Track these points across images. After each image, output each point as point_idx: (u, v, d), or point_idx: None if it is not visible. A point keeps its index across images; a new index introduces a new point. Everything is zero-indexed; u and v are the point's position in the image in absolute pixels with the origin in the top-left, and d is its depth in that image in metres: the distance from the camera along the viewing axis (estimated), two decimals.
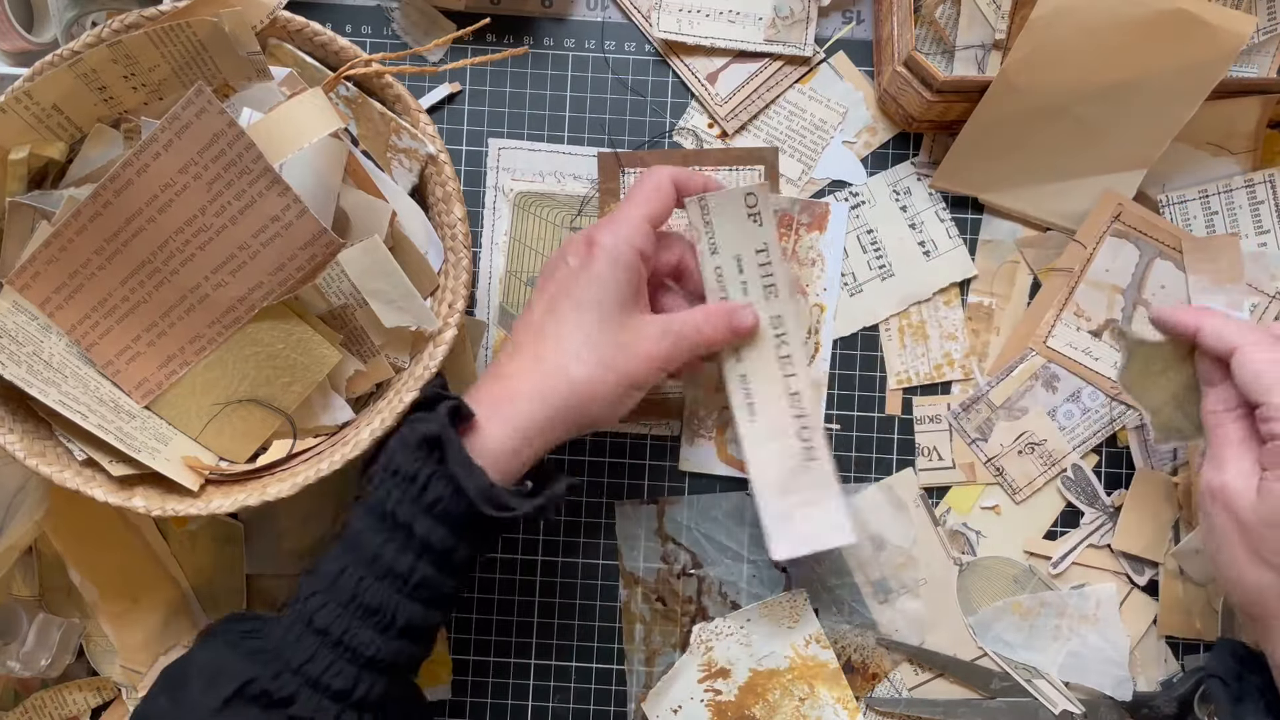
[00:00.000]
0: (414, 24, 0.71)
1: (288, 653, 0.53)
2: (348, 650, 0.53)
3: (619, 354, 0.57)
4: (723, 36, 0.70)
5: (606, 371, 0.56)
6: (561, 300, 0.57)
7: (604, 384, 0.56)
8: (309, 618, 0.53)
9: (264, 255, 0.56)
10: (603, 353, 0.56)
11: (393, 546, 0.53)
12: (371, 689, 0.53)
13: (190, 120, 0.53)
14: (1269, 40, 0.67)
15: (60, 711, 0.69)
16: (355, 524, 0.55)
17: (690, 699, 0.68)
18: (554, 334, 0.57)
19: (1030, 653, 0.68)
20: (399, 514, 0.53)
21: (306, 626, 0.53)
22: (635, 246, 0.57)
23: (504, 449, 0.55)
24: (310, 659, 0.52)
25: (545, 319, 0.58)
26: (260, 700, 0.52)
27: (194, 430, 0.61)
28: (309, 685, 0.52)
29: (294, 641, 0.53)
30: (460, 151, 0.71)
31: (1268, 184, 0.68)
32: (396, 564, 0.53)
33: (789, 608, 0.69)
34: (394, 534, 0.53)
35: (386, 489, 0.54)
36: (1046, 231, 0.70)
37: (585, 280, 0.57)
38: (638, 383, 0.57)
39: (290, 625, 0.54)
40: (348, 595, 0.53)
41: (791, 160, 0.71)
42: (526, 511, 0.54)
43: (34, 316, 0.60)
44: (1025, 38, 0.63)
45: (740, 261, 0.60)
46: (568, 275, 0.58)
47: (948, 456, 0.69)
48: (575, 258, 0.58)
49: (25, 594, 0.69)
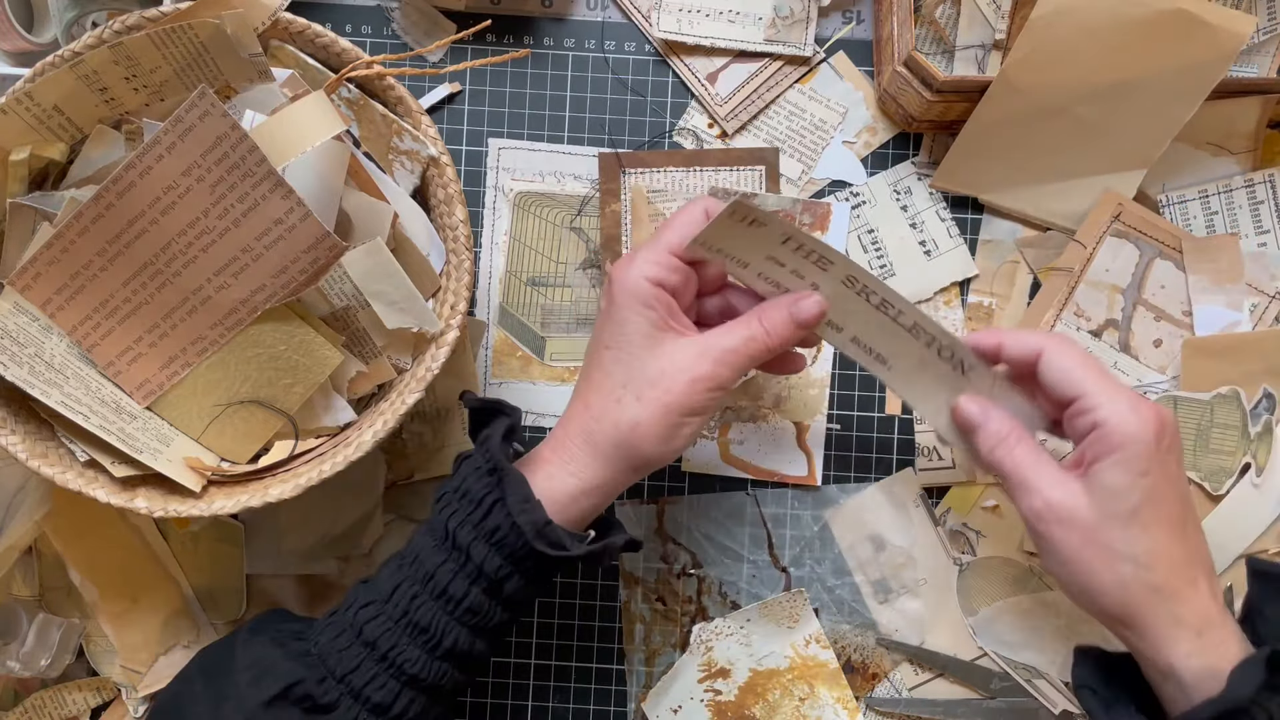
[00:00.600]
0: (414, 24, 0.71)
1: (333, 660, 0.53)
2: (392, 665, 0.53)
3: (656, 387, 0.55)
4: (723, 36, 0.70)
5: (646, 406, 0.55)
6: (595, 345, 0.57)
7: (649, 420, 0.55)
8: (360, 628, 0.53)
9: (267, 258, 0.56)
10: (639, 390, 0.55)
11: (449, 568, 0.53)
12: (410, 706, 0.53)
13: (194, 123, 0.53)
14: (1269, 40, 0.67)
15: (60, 711, 0.69)
16: (419, 540, 0.55)
17: (690, 699, 0.68)
18: (593, 379, 0.57)
19: (1030, 653, 0.68)
20: (459, 537, 0.53)
21: (356, 637, 0.53)
22: (649, 278, 0.56)
23: (563, 491, 0.55)
24: (355, 669, 0.53)
25: (589, 365, 0.58)
26: (303, 703, 0.52)
27: (196, 431, 0.61)
28: (350, 695, 0.52)
29: (342, 650, 0.53)
30: (460, 151, 0.71)
31: (1268, 184, 0.68)
32: (451, 586, 0.53)
33: (789, 608, 0.69)
34: (452, 555, 0.54)
35: (452, 509, 0.54)
36: (1046, 231, 0.70)
37: (607, 322, 0.57)
38: (686, 409, 0.55)
39: (339, 632, 0.54)
40: (400, 611, 0.53)
41: (791, 160, 0.71)
42: (580, 554, 0.54)
43: (35, 318, 0.60)
44: (1025, 38, 0.63)
45: (776, 259, 0.60)
46: (599, 319, 0.58)
47: (948, 456, 0.70)
48: (604, 299, 0.58)
49: (25, 594, 0.69)
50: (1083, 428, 0.54)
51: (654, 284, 0.56)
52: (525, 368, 0.71)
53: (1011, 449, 0.56)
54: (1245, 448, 0.66)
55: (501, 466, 0.53)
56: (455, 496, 0.55)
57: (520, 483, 0.53)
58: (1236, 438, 0.66)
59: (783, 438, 0.70)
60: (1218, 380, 0.67)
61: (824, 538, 0.70)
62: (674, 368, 0.55)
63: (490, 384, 0.71)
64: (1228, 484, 0.66)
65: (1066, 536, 0.53)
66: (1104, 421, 0.53)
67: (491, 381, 0.71)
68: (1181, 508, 0.53)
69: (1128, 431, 0.52)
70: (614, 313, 0.56)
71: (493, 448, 0.54)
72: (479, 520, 0.53)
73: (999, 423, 0.57)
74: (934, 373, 0.60)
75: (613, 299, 0.56)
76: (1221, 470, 0.66)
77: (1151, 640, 0.53)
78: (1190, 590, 0.53)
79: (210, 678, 0.55)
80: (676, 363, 0.55)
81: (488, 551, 0.53)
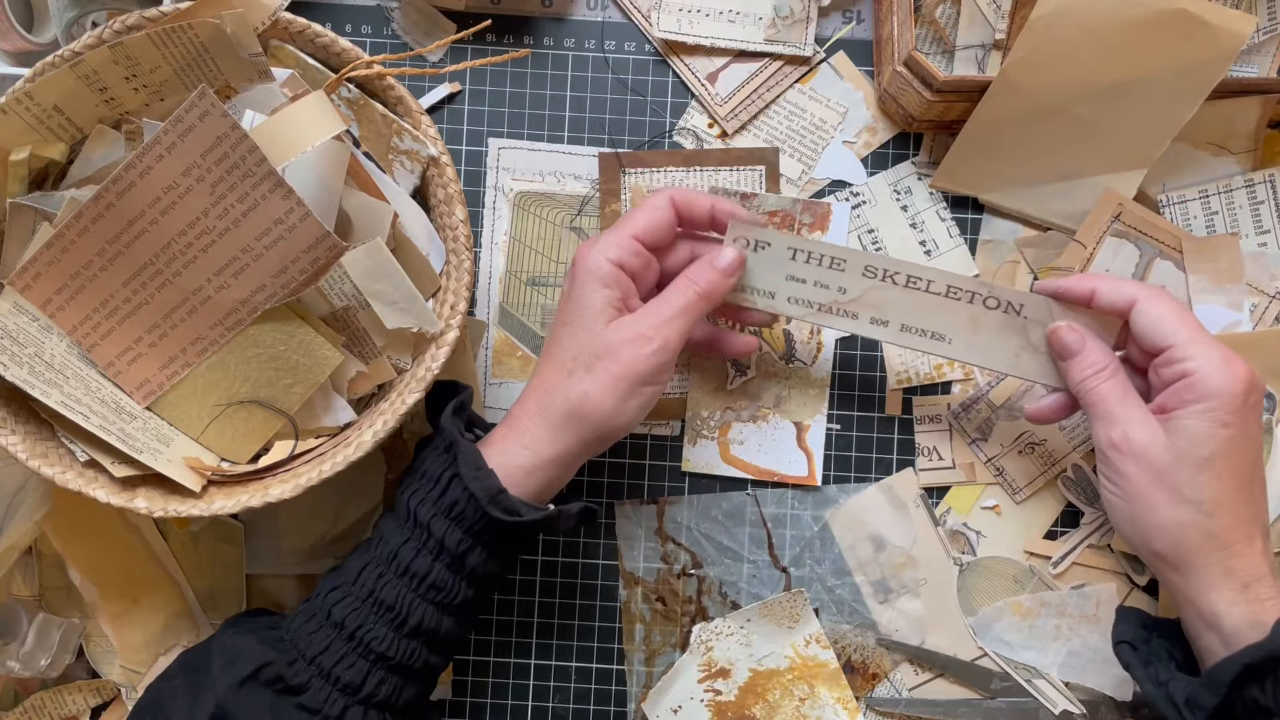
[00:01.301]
0: (414, 24, 0.71)
1: (304, 643, 0.55)
2: (360, 644, 0.54)
3: (603, 358, 0.57)
4: (723, 36, 0.70)
5: (597, 376, 0.57)
6: (554, 325, 0.60)
7: (598, 390, 0.57)
8: (328, 610, 0.55)
9: (267, 258, 0.56)
10: (589, 361, 0.57)
11: (412, 546, 0.55)
12: (380, 686, 0.54)
13: (194, 123, 0.53)
14: (1269, 40, 0.67)
15: (60, 711, 0.69)
16: (384, 523, 0.58)
17: (690, 699, 0.68)
18: (550, 355, 0.59)
19: (1030, 653, 0.68)
20: (420, 514, 0.55)
21: (325, 619, 0.55)
22: (610, 259, 0.58)
23: (518, 465, 0.57)
24: (324, 650, 0.54)
25: (546, 343, 0.60)
26: (275, 684, 0.53)
27: (196, 431, 0.61)
28: (320, 676, 0.54)
29: (312, 633, 0.55)
30: (460, 151, 0.71)
31: (1268, 184, 0.68)
32: (414, 564, 0.55)
33: (789, 608, 0.69)
34: (414, 533, 0.56)
35: (412, 489, 0.57)
36: (1046, 231, 0.70)
37: (567, 300, 0.59)
38: (634, 378, 0.57)
39: (310, 616, 0.56)
40: (366, 591, 0.55)
41: (791, 160, 0.71)
42: (534, 519, 0.55)
43: (35, 318, 0.60)
44: (1025, 38, 0.63)
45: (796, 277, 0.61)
46: (561, 300, 0.60)
47: (948, 456, 0.70)
48: (567, 280, 0.60)
49: (25, 594, 0.69)
50: (1170, 376, 0.56)
51: (615, 265, 0.58)
52: (525, 368, 0.71)
53: (1105, 379, 0.58)
54: None
55: (455, 441, 0.56)
56: (416, 477, 0.57)
57: (473, 454, 0.55)
58: None
59: (783, 438, 0.70)
60: None
61: (824, 538, 0.70)
62: (619, 339, 0.57)
63: (490, 384, 0.71)
64: None
65: (1138, 472, 0.55)
66: (1194, 372, 0.54)
67: (491, 381, 0.71)
68: (1253, 466, 0.55)
69: (1216, 383, 0.54)
70: (573, 290, 0.58)
71: (445, 425, 0.57)
72: (437, 497, 0.55)
73: (1098, 353, 0.58)
74: (991, 326, 0.61)
75: (574, 278, 0.59)
76: None
77: (1198, 585, 0.55)
78: (1246, 545, 0.54)
79: (189, 672, 0.56)
80: (622, 334, 0.57)
81: (447, 526, 0.55)
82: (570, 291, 0.59)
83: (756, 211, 0.69)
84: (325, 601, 0.56)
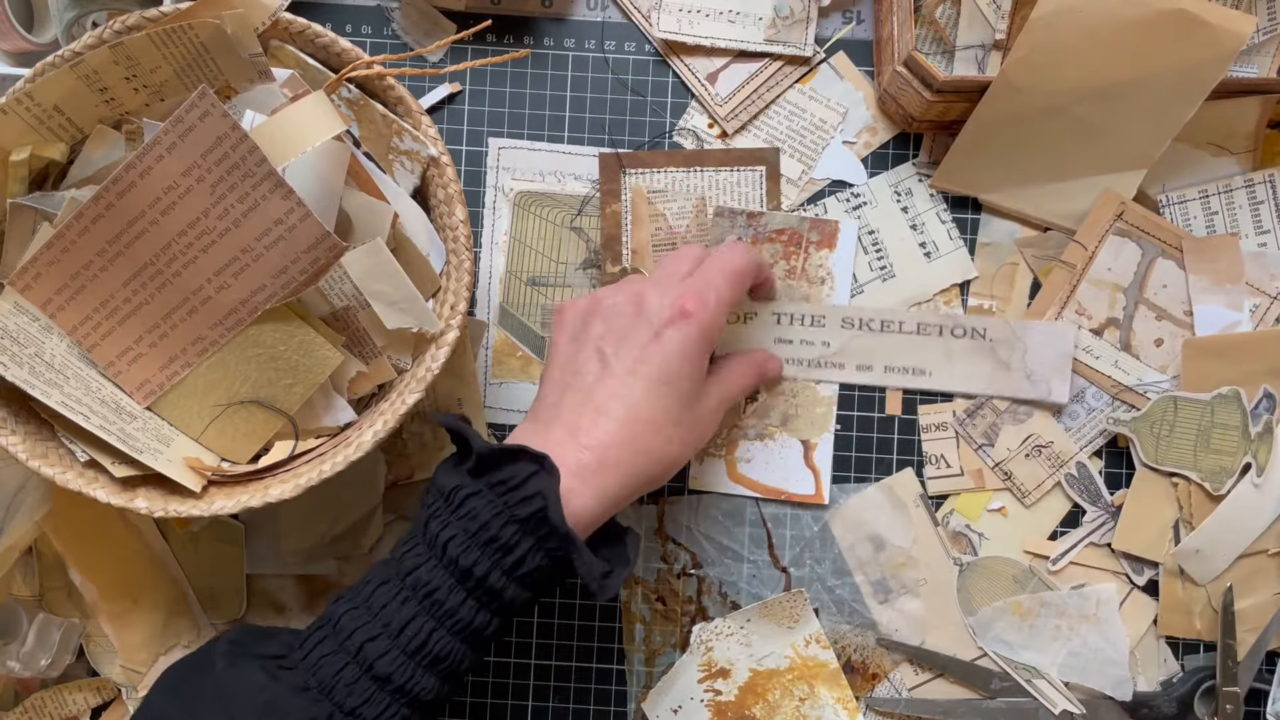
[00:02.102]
0: (414, 24, 0.71)
1: (340, 694, 0.50)
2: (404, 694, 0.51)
3: (696, 428, 0.59)
4: (723, 36, 0.70)
5: (688, 448, 0.58)
6: (649, 370, 0.57)
7: (685, 457, 0.59)
8: (369, 663, 0.51)
9: (267, 258, 0.56)
10: (686, 431, 0.58)
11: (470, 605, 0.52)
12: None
13: (194, 123, 0.53)
14: (1269, 40, 0.67)
15: (60, 711, 0.69)
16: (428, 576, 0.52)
17: (690, 699, 0.68)
18: (647, 413, 0.56)
19: (1030, 653, 0.68)
20: (490, 579, 0.51)
21: (364, 671, 0.51)
22: (721, 327, 0.59)
23: (590, 517, 0.54)
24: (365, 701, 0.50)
25: (630, 387, 0.56)
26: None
27: (196, 431, 0.61)
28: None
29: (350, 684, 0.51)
30: (460, 151, 0.71)
31: (1268, 184, 0.68)
32: (475, 619, 0.52)
33: (789, 608, 0.69)
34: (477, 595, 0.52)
35: (474, 556, 0.51)
36: (1046, 231, 0.70)
37: (678, 355, 0.57)
38: (703, 446, 0.62)
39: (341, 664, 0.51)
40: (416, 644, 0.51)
41: (791, 160, 0.71)
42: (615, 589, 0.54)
43: (35, 318, 0.60)
44: (1025, 38, 0.63)
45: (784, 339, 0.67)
46: (650, 341, 0.57)
47: (955, 463, 0.69)
48: (659, 321, 0.57)
49: (25, 594, 0.69)
50: None
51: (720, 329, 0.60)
52: (525, 368, 0.71)
53: None
54: (1246, 448, 0.66)
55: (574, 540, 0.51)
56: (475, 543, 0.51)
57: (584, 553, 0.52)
58: (1237, 438, 0.66)
59: (790, 456, 0.70)
60: (1218, 380, 0.67)
61: (824, 538, 0.70)
62: (706, 410, 0.60)
63: (490, 384, 0.71)
64: (1228, 484, 0.66)
65: None
66: None
67: (491, 381, 0.71)
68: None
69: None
70: (688, 348, 0.57)
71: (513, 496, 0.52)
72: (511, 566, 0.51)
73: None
74: (963, 353, 0.64)
75: (688, 335, 0.57)
76: (1222, 470, 0.66)
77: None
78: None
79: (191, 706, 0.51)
80: (707, 405, 0.60)
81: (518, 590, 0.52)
82: (686, 348, 0.57)
83: (764, 229, 0.69)
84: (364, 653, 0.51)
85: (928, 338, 0.63)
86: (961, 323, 0.63)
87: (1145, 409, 0.67)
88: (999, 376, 0.65)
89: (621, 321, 0.59)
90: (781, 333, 0.64)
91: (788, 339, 0.64)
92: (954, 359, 0.64)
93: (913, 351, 0.65)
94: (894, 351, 0.65)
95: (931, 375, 0.65)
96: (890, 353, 0.65)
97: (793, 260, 0.69)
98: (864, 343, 0.64)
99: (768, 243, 0.69)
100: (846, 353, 0.66)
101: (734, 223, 0.69)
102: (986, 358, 0.64)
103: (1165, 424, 0.67)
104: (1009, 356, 0.65)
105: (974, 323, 0.63)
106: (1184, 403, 0.67)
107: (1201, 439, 0.66)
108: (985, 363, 0.64)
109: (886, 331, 0.64)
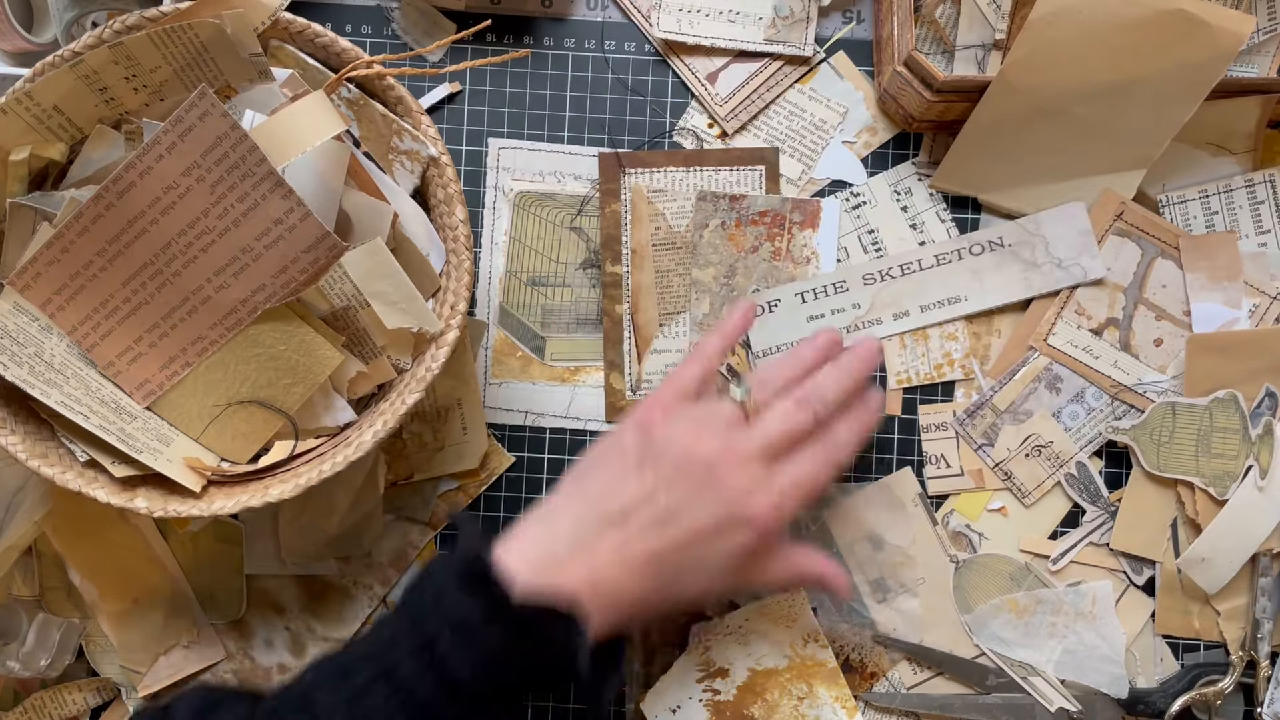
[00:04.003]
0: (414, 24, 0.71)
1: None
2: None
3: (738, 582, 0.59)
4: (723, 36, 0.70)
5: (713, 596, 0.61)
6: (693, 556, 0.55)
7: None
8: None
9: (267, 258, 0.56)
10: (725, 590, 0.59)
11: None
12: None
13: (194, 123, 0.53)
14: (1269, 40, 0.67)
15: (60, 711, 0.69)
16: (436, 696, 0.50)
17: (689, 699, 0.68)
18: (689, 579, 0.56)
19: (1026, 650, 0.68)
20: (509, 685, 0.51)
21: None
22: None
23: (600, 634, 0.54)
24: None
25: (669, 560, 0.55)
26: None
27: (196, 431, 0.61)
28: None
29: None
30: (460, 151, 0.71)
31: (1268, 184, 0.68)
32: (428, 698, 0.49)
33: (787, 607, 0.69)
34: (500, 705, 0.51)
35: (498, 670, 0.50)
36: None
37: (725, 556, 0.56)
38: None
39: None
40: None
41: (791, 160, 0.71)
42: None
43: (35, 318, 0.60)
44: (1025, 38, 0.63)
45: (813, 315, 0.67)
46: (709, 526, 0.55)
47: (955, 464, 0.69)
48: (725, 510, 0.55)
49: (25, 594, 0.69)
50: None
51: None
52: (525, 368, 0.71)
53: None
54: (1248, 450, 0.66)
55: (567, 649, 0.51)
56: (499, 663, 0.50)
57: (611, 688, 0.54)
58: (1238, 441, 0.66)
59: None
60: (1222, 377, 0.66)
61: (822, 537, 0.70)
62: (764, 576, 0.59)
63: (490, 384, 0.71)
64: (1232, 488, 0.66)
65: None
66: None
67: (491, 381, 0.71)
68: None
69: None
70: (736, 554, 0.56)
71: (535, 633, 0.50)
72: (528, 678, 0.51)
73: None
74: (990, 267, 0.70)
75: (747, 548, 0.56)
76: (1225, 474, 0.66)
77: None
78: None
79: None
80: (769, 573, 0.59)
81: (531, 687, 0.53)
82: (735, 554, 0.56)
83: (748, 212, 0.69)
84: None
85: (950, 265, 0.64)
86: (976, 239, 0.64)
87: (1144, 417, 0.67)
88: (1032, 276, 0.66)
89: (691, 483, 0.55)
90: (810, 310, 0.64)
91: (819, 314, 0.64)
92: (982, 276, 0.65)
93: (941, 283, 0.65)
94: (923, 290, 0.66)
95: (968, 299, 0.66)
96: (919, 292, 0.66)
97: (777, 242, 0.69)
98: (891, 291, 0.64)
99: (751, 225, 0.69)
100: (878, 306, 0.66)
101: (717, 206, 0.69)
102: (1012, 262, 0.65)
103: (1165, 430, 0.67)
104: (1033, 254, 0.66)
105: (988, 235, 0.64)
106: (1182, 408, 0.67)
107: (1202, 444, 0.66)
108: (1013, 267, 0.65)
109: (909, 274, 0.64)
